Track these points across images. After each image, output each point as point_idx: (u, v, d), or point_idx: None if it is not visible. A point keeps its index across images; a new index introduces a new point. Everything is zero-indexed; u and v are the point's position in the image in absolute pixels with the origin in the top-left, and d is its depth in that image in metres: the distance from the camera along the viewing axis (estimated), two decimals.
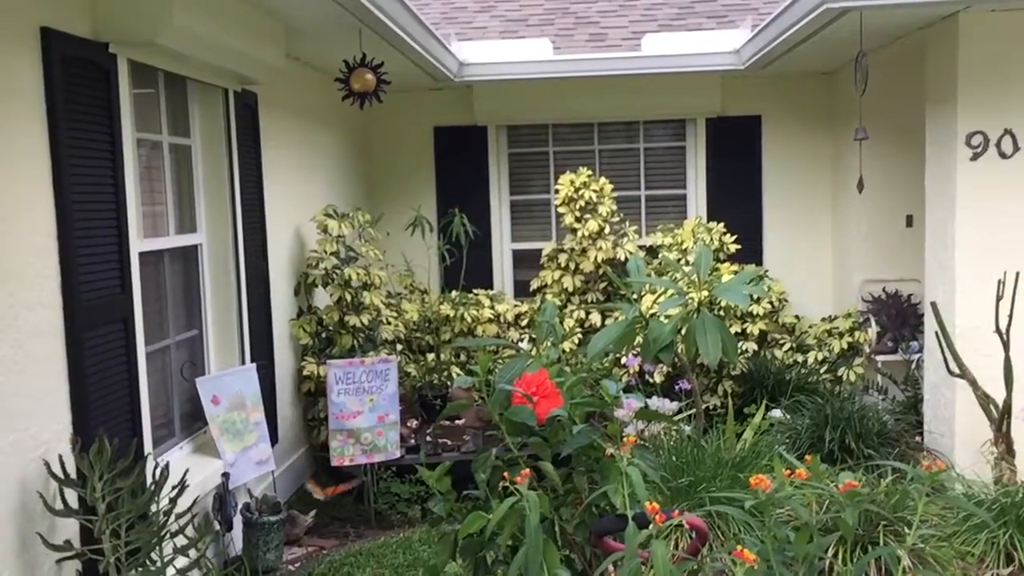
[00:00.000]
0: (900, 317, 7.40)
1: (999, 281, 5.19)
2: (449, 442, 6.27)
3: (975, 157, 5.47)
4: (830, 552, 4.29)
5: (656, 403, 6.72)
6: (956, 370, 5.33)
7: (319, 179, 7.05)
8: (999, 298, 5.18)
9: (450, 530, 2.77)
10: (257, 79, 5.34)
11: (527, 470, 2.45)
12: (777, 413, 6.58)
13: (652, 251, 7.99)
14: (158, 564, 3.65)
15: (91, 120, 3.76)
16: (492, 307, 7.61)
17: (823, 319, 7.83)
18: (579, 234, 7.53)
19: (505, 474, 2.51)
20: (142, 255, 4.29)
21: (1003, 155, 5.47)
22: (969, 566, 4.59)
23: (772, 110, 8.27)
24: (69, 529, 3.49)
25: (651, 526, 2.04)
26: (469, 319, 7.38)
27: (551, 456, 2.78)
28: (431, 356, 7.24)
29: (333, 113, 7.36)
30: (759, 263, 8.13)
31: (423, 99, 8.32)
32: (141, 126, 4.48)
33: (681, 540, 4.28)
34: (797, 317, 7.89)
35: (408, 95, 8.17)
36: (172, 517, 3.73)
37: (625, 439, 2.41)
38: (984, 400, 5.27)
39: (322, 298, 6.51)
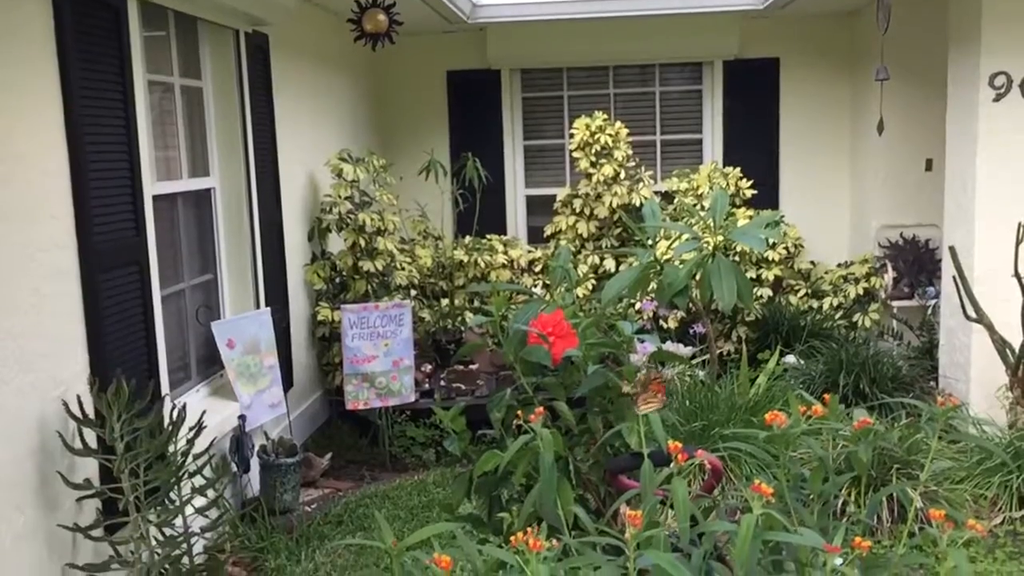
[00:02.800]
0: (917, 263, 7.35)
1: (1019, 224, 5.13)
2: (463, 386, 6.31)
3: (998, 98, 5.37)
4: (843, 493, 4.31)
5: (670, 348, 6.72)
6: (973, 315, 5.30)
7: (331, 123, 7.00)
8: (1019, 242, 5.13)
9: (465, 470, 2.79)
10: (268, 20, 5.28)
11: (541, 408, 2.45)
12: (791, 359, 6.58)
13: (668, 197, 7.93)
14: (177, 503, 3.71)
15: (102, 61, 3.73)
16: (506, 252, 7.60)
17: (839, 265, 7.79)
18: (594, 179, 7.47)
19: (519, 412, 2.51)
20: (156, 198, 4.27)
21: None
22: (982, 509, 4.61)
23: (791, 52, 8.12)
24: (89, 468, 3.53)
25: (672, 464, 2.04)
26: (483, 264, 7.37)
27: (566, 398, 2.78)
28: (445, 301, 7.25)
29: (345, 56, 7.28)
30: (775, 208, 8.05)
31: (436, 42, 8.22)
32: (152, 68, 4.44)
33: (694, 482, 4.31)
34: (813, 263, 7.84)
35: (420, 38, 8.07)
36: (190, 458, 3.77)
37: (639, 376, 2.41)
38: (1000, 345, 5.25)
39: (336, 243, 6.50)
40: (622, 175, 7.48)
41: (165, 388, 4.21)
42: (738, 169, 7.79)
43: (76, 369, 3.54)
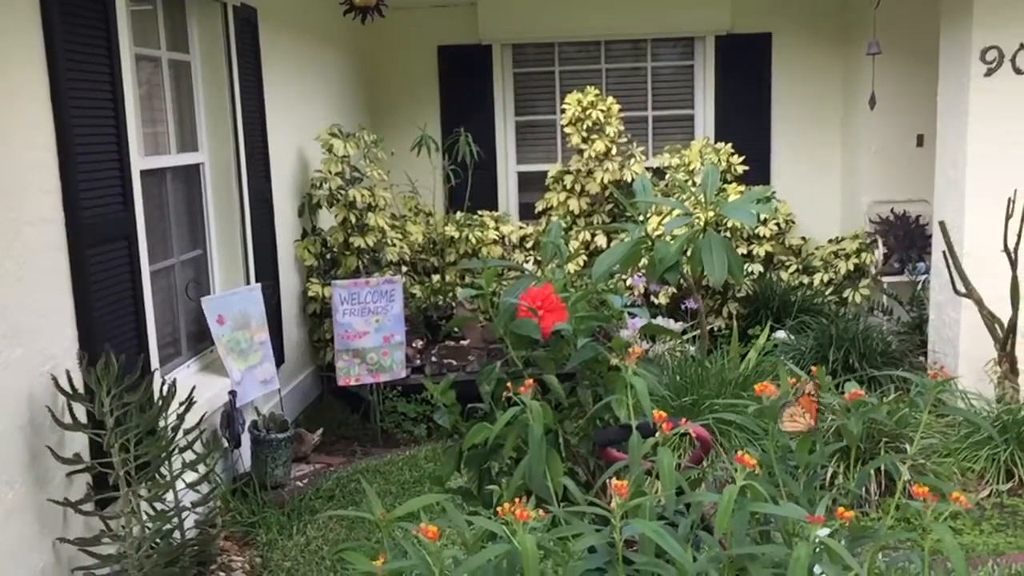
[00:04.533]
0: (907, 238, 7.36)
1: (1009, 199, 5.14)
2: (454, 362, 6.31)
3: (989, 73, 5.36)
4: (833, 466, 4.34)
5: (661, 323, 6.73)
6: (962, 289, 5.32)
7: (321, 98, 6.95)
8: (1008, 217, 5.14)
9: (454, 444, 2.80)
10: None
11: (531, 380, 2.45)
12: (781, 334, 6.60)
13: (659, 173, 7.91)
14: (167, 478, 3.71)
15: (88, 34, 3.69)
16: (497, 228, 7.58)
17: (830, 240, 7.80)
18: (585, 155, 7.44)
19: (508, 385, 2.51)
20: (144, 173, 4.25)
21: (1018, 71, 5.36)
22: (969, 482, 4.65)
23: (783, 27, 8.08)
24: (78, 443, 3.53)
25: (657, 434, 2.04)
26: (474, 240, 7.35)
27: (555, 372, 2.78)
28: (436, 278, 7.24)
29: (335, 31, 7.23)
30: (766, 184, 8.03)
31: (426, 17, 8.15)
32: (140, 41, 4.40)
33: (683, 456, 4.33)
34: (804, 239, 7.85)
35: (411, 12, 8.01)
36: (180, 433, 3.77)
37: (630, 350, 2.41)
38: (989, 319, 5.27)
39: (326, 219, 6.48)
40: (613, 151, 7.46)
41: (155, 363, 4.20)
42: (729, 145, 7.77)
43: (65, 344, 3.53)
